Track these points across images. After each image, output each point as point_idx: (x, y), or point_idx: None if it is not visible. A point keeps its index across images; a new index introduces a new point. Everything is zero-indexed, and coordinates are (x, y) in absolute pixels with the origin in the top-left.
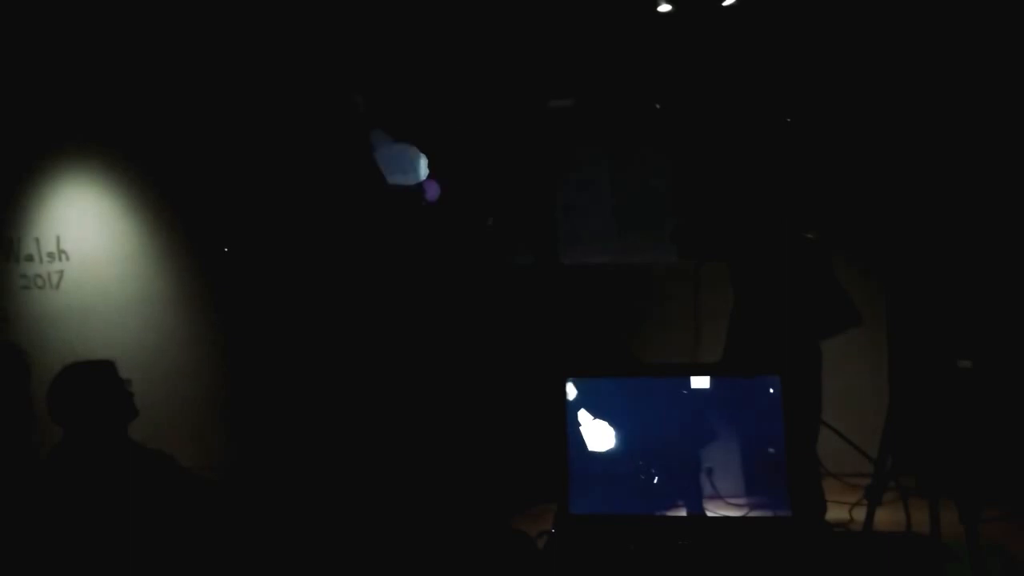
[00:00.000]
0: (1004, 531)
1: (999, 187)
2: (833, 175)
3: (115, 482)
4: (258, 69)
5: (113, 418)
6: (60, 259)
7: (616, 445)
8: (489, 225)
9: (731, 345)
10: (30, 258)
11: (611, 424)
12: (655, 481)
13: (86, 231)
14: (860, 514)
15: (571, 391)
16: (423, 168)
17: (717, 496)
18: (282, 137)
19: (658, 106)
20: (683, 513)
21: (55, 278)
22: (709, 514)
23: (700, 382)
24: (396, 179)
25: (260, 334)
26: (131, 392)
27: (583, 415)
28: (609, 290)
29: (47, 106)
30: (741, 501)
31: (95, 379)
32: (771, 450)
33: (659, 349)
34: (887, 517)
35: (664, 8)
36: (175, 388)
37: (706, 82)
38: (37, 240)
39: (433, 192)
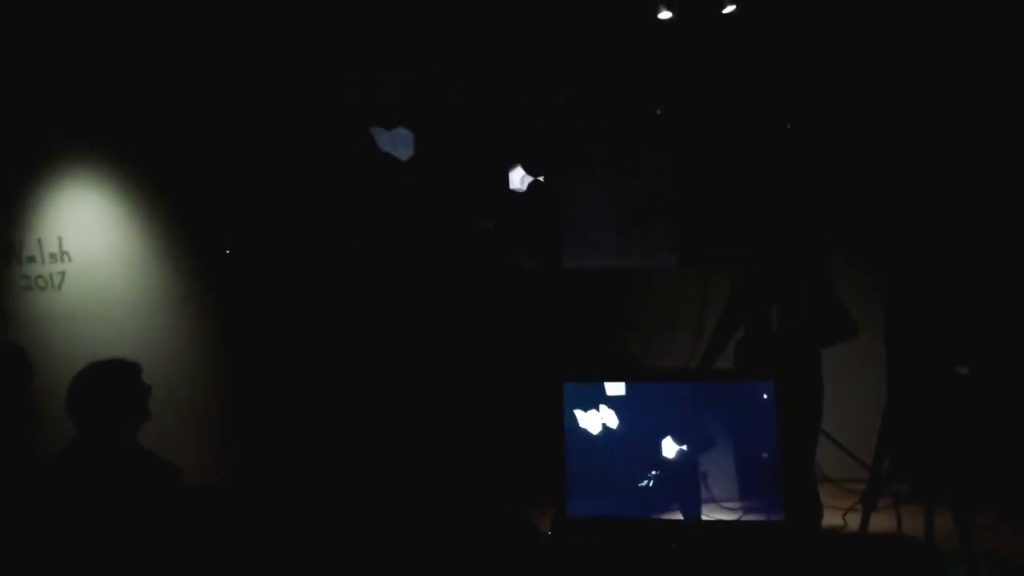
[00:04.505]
0: (998, 535)
1: (998, 194)
2: (832, 181)
3: (120, 486)
4: (260, 72)
5: (129, 419)
6: (62, 260)
7: (612, 449)
8: (488, 228)
9: (739, 351)
10: (32, 259)
11: (608, 428)
12: (651, 484)
13: (88, 232)
14: (854, 519)
15: (569, 395)
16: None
17: (712, 500)
18: (284, 140)
19: (659, 112)
20: (678, 516)
21: (57, 279)
22: (704, 518)
23: (695, 387)
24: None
25: (261, 337)
26: (150, 395)
27: (580, 419)
28: (609, 294)
29: (50, 107)
30: (735, 505)
31: (122, 378)
32: (765, 455)
33: (658, 354)
34: (882, 522)
35: (664, 15)
36: (176, 390)
37: (706, 88)
38: (39, 241)
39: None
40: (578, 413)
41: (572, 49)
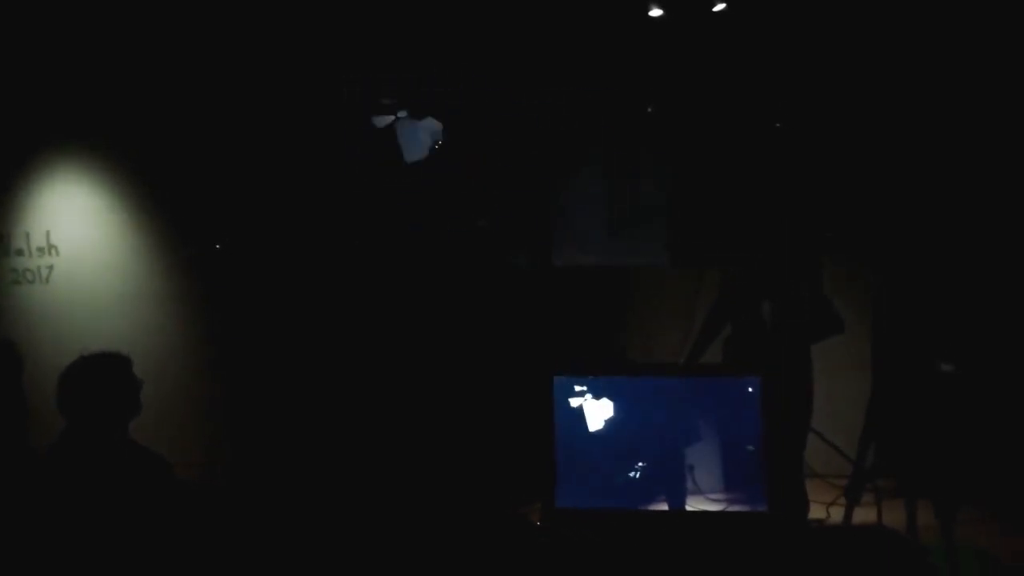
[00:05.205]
0: (980, 530)
1: (986, 193)
2: (827, 180)
3: (112, 480)
4: (249, 64)
5: (120, 413)
6: (50, 254)
7: (601, 441)
8: (482, 226)
9: (728, 348)
10: (20, 252)
11: (596, 421)
12: (638, 476)
13: (76, 226)
14: (838, 513)
15: (558, 388)
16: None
17: (697, 491)
18: (273, 132)
19: (650, 109)
20: (664, 508)
21: (45, 272)
22: (689, 509)
23: (683, 381)
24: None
25: (251, 331)
26: (140, 387)
27: (569, 412)
28: (600, 291)
29: (38, 100)
30: (720, 496)
31: (114, 372)
32: (750, 448)
33: (651, 351)
34: (865, 516)
35: (655, 12)
36: (164, 383)
37: (698, 86)
38: (27, 234)
39: None
40: (567, 406)
41: (563, 47)
